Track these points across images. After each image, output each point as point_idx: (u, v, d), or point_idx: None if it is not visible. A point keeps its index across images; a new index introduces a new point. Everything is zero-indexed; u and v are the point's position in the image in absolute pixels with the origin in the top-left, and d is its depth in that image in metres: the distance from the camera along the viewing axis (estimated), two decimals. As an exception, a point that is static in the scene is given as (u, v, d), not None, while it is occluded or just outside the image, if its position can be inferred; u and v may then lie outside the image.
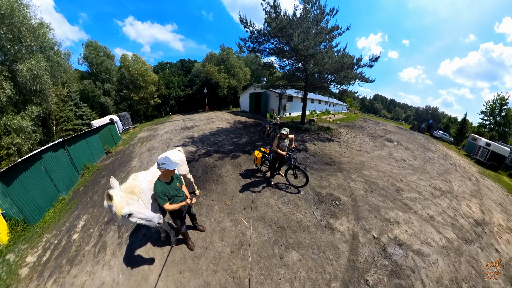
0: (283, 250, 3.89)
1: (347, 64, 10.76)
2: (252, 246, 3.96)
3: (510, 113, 27.48)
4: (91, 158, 9.54)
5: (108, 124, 13.03)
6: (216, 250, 3.88)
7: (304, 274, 3.41)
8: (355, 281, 3.29)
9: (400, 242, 4.26)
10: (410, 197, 6.40)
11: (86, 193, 6.94)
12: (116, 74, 28.15)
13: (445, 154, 14.56)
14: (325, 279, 3.30)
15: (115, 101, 28.11)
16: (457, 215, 5.98)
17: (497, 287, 3.76)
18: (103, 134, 11.58)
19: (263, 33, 11.73)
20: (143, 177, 3.70)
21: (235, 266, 3.56)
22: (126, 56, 27.85)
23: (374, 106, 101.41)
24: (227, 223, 4.58)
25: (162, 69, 40.90)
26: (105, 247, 4.25)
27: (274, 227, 4.46)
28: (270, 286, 3.22)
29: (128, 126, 20.32)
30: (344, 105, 45.75)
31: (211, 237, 4.18)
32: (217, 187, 6.12)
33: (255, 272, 3.45)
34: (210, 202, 5.36)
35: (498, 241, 5.28)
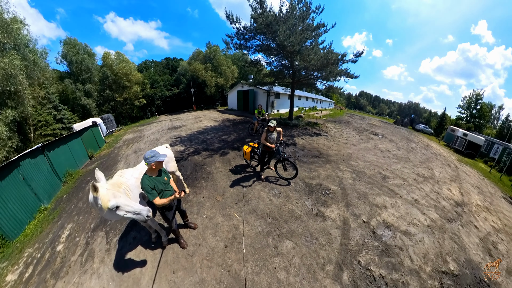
0: (276, 240, 3.92)
1: (332, 59, 10.98)
2: (245, 239, 3.95)
3: (484, 107, 30.57)
4: (73, 164, 8.98)
5: (90, 127, 12.30)
6: (209, 246, 3.84)
7: (299, 261, 3.46)
8: (348, 263, 3.41)
9: (388, 225, 4.44)
10: (395, 183, 6.67)
11: (70, 200, 6.58)
12: (98, 74, 26.62)
13: (426, 144, 15.31)
14: (320, 263, 3.39)
15: (97, 103, 26.58)
16: (439, 198, 6.32)
17: (477, 259, 4.03)
18: (85, 137, 10.95)
19: (250, 29, 11.71)
20: (129, 174, 3.56)
21: (229, 260, 3.55)
22: (108, 55, 26.42)
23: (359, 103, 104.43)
24: (219, 219, 4.54)
25: (146, 68, 39.52)
26: (92, 255, 4.05)
27: (266, 219, 4.47)
28: (266, 275, 3.25)
29: (113, 128, 19.41)
30: (331, 101, 46.71)
31: (204, 234, 4.10)
32: (207, 184, 6.04)
33: (250, 264, 3.46)
34: (201, 199, 5.26)
35: (476, 218, 5.68)
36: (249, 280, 3.18)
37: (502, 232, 5.51)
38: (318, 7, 11.75)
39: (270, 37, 11.39)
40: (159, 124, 18.48)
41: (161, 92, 33.57)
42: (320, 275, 3.20)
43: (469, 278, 3.56)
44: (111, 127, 19.10)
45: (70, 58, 24.71)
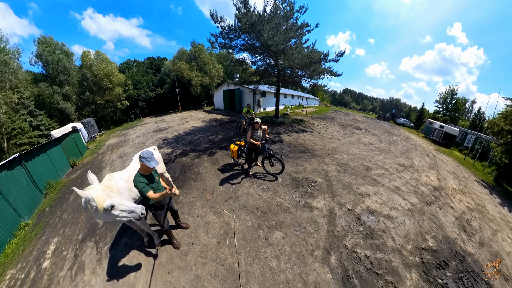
0: (267, 232, 4.05)
1: (315, 59, 11.24)
2: (237, 233, 4.06)
3: (459, 101, 33.31)
4: (54, 173, 8.38)
5: (71, 133, 11.50)
6: (202, 243, 3.89)
7: (289, 249, 3.61)
8: (335, 247, 3.60)
9: (372, 211, 4.68)
10: (378, 173, 6.99)
11: (54, 213, 6.23)
12: (77, 75, 24.82)
13: (406, 137, 16.11)
14: (308, 250, 3.55)
15: (77, 107, 24.89)
16: (419, 184, 6.72)
17: (453, 235, 4.35)
18: (66, 144, 10.26)
19: (234, 28, 11.68)
20: (118, 177, 3.52)
21: (223, 255, 3.63)
22: (87, 54, 24.74)
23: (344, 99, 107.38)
24: (210, 217, 4.57)
25: (128, 68, 38.13)
26: (83, 267, 3.88)
27: (256, 213, 4.59)
28: (259, 265, 3.39)
29: (95, 133, 18.27)
30: (316, 99, 47.61)
31: (196, 232, 4.14)
32: (197, 184, 6.02)
33: (243, 256, 3.58)
34: (191, 200, 5.25)
35: (452, 200, 6.12)
36: (243, 271, 3.31)
37: (475, 210, 5.99)
38: (302, 7, 11.96)
39: (255, 37, 11.44)
40: (144, 127, 17.90)
41: (144, 93, 32.40)
42: (309, 260, 3.37)
43: (446, 252, 3.92)
44: (92, 132, 17.98)
45: (46, 58, 22.80)
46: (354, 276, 3.13)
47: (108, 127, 25.95)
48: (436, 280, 3.31)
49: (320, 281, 3.02)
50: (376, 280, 3.09)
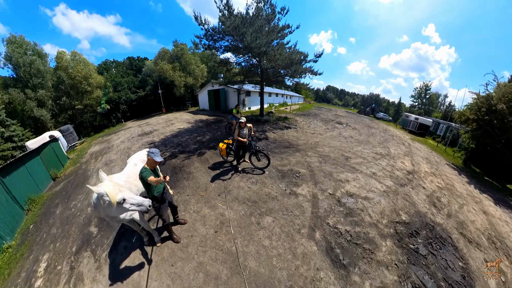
0: (258, 218, 4.45)
1: (296, 60, 11.75)
2: (232, 222, 4.42)
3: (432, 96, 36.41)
4: (35, 188, 7.85)
5: (49, 142, 10.63)
6: (201, 234, 4.17)
7: (279, 230, 4.07)
8: (319, 225, 4.08)
9: (351, 194, 5.19)
10: (356, 162, 7.55)
11: (40, 229, 5.84)
12: (52, 78, 22.72)
13: (385, 129, 17.15)
14: (296, 229, 4.02)
15: (52, 113, 22.81)
16: (394, 170, 7.35)
17: (424, 210, 4.88)
18: (45, 155, 9.45)
19: (218, 30, 11.85)
20: (117, 178, 3.66)
21: (221, 242, 3.98)
22: (63, 55, 22.62)
23: (327, 96, 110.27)
24: (206, 211, 4.85)
25: (107, 69, 36.43)
26: (81, 278, 3.77)
27: (247, 203, 4.96)
28: (253, 245, 3.81)
29: (74, 142, 17.04)
30: (300, 96, 48.65)
31: (194, 226, 4.41)
32: (189, 183, 6.22)
33: (239, 240, 3.96)
34: (185, 198, 5.47)
35: (424, 182, 6.79)
36: (240, 252, 3.69)
37: (445, 189, 6.70)
38: (283, 9, 12.33)
39: (238, 39, 11.69)
40: (128, 132, 17.22)
41: (126, 96, 30.80)
42: (297, 237, 3.85)
43: (417, 223, 4.54)
44: (72, 140, 16.77)
45: (17, 60, 20.57)
46: (336, 246, 3.62)
47: (89, 134, 24.32)
48: (409, 245, 3.80)
49: (307, 252, 3.50)
50: (356, 248, 3.57)
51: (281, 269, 3.32)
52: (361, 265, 3.31)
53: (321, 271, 3.22)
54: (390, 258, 3.44)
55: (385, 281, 3.06)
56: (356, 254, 3.49)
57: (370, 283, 3.03)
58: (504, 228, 5.44)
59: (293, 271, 3.27)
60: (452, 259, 3.70)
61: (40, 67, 21.57)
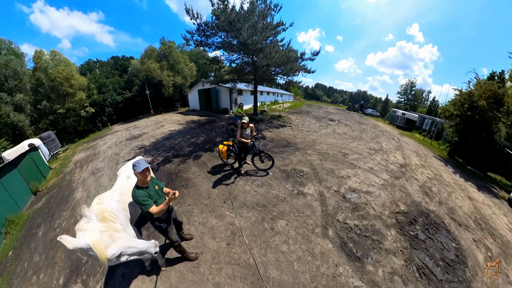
0: (271, 223, 4.33)
1: (293, 57, 11.84)
2: (244, 231, 4.16)
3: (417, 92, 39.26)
4: (13, 206, 6.92)
5: (28, 152, 9.46)
6: (212, 250, 3.80)
7: (294, 232, 4.07)
8: (330, 223, 4.24)
9: (354, 189, 5.46)
10: (354, 158, 7.89)
11: (20, 257, 4.99)
12: (30, 80, 20.95)
13: (374, 124, 17.85)
14: (310, 229, 4.11)
15: (32, 119, 21.03)
16: (388, 163, 7.77)
17: (419, 199, 5.27)
18: (24, 167, 8.45)
19: (211, 26, 11.55)
20: (109, 198, 3.12)
21: (236, 255, 3.67)
22: (41, 54, 20.73)
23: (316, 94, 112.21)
24: (212, 221, 4.49)
25: (90, 70, 34.45)
26: None
27: (257, 208, 4.78)
28: (271, 253, 3.67)
29: (57, 149, 15.50)
30: (290, 94, 49.24)
31: (202, 241, 4.00)
32: (189, 191, 5.74)
33: (256, 250, 3.74)
34: (187, 208, 4.99)
35: (416, 174, 7.28)
36: (259, 263, 3.49)
37: (434, 179, 7.21)
38: (276, 5, 12.31)
39: (233, 35, 11.44)
40: (115, 136, 15.91)
41: (111, 98, 29.31)
42: (312, 237, 3.94)
43: (414, 212, 4.92)
44: (54, 148, 15.24)
45: None
46: (348, 241, 3.80)
47: (72, 140, 22.49)
48: (409, 232, 4.16)
49: (324, 251, 3.62)
50: (366, 241, 3.81)
51: (304, 272, 3.31)
52: (372, 255, 3.53)
53: (339, 266, 3.35)
54: (396, 246, 3.76)
55: (394, 266, 3.37)
56: (366, 246, 3.70)
57: (382, 270, 3.28)
58: (487, 211, 6.03)
59: (315, 271, 3.31)
60: (446, 241, 4.15)
61: (17, 68, 19.74)
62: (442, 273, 3.44)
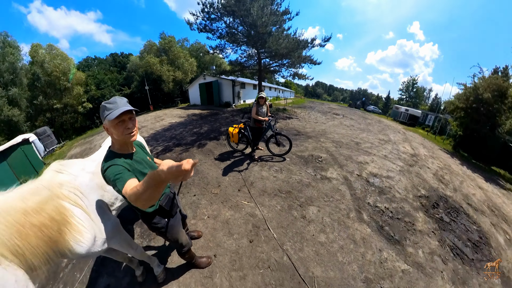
0: (300, 210, 3.81)
1: (303, 43, 11.53)
2: (269, 222, 3.50)
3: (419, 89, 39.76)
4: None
5: (19, 145, 8.91)
6: (229, 250, 2.97)
7: (329, 219, 3.63)
8: (362, 206, 4.09)
9: (375, 174, 5.41)
10: (367, 146, 7.90)
11: None
12: (26, 75, 20.50)
13: (378, 120, 18.03)
14: (344, 214, 3.81)
15: (28, 115, 20.57)
16: (400, 153, 7.84)
17: (435, 185, 5.31)
18: (14, 160, 7.99)
19: (217, 7, 11.20)
20: (78, 167, 2.03)
21: (263, 254, 2.91)
22: (37, 48, 20.47)
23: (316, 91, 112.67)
24: (227, 213, 3.74)
25: (89, 67, 34.44)
26: None
27: (280, 195, 4.25)
28: (308, 246, 3.06)
29: (53, 146, 15.24)
30: (291, 91, 49.24)
31: (215, 239, 3.18)
32: (194, 179, 5.06)
33: (289, 245, 3.07)
34: (192, 199, 4.23)
35: (427, 163, 7.38)
36: (296, 261, 2.82)
37: (444, 169, 7.27)
38: None
39: (240, 16, 10.83)
40: None
41: (109, 94, 29.35)
42: (349, 223, 3.61)
43: (435, 196, 4.88)
44: (50, 144, 14.94)
45: None
46: (384, 224, 3.65)
47: (70, 136, 21.99)
48: (435, 215, 4.13)
49: (365, 236, 3.34)
50: (399, 223, 3.70)
51: (350, 263, 2.83)
52: (409, 237, 3.43)
53: (383, 251, 3.10)
54: (427, 227, 3.71)
55: (431, 247, 3.28)
56: (401, 228, 3.60)
57: (422, 251, 3.19)
58: (498, 200, 6.07)
59: (362, 260, 2.89)
60: (468, 224, 4.10)
61: (13, 62, 19.07)
62: (472, 253, 3.44)
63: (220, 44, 14.08)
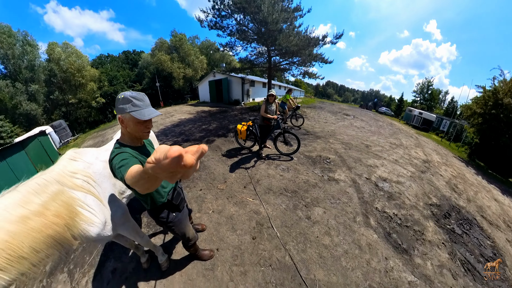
0: (306, 211, 3.80)
1: (314, 40, 11.31)
2: (273, 220, 3.52)
3: (434, 91, 38.16)
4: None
5: (37, 136, 9.61)
6: (232, 245, 3.04)
7: (334, 222, 3.58)
8: (370, 211, 3.98)
9: (384, 178, 5.25)
10: (377, 150, 7.68)
11: None
12: (44, 71, 21.74)
13: (390, 122, 17.49)
14: (351, 218, 3.74)
15: (45, 109, 21.98)
16: (411, 158, 7.56)
17: (448, 194, 5.11)
18: (32, 150, 8.53)
19: (228, 4, 11.18)
20: (92, 156, 2.13)
21: (265, 252, 2.95)
22: (54, 46, 21.59)
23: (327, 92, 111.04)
24: (231, 209, 3.81)
25: (102, 64, 35.24)
26: None
27: (286, 194, 4.28)
28: (312, 248, 3.06)
29: (67, 138, 16.40)
30: (301, 91, 48.74)
31: (219, 234, 3.24)
32: (201, 174, 5.17)
33: (292, 245, 3.08)
34: (198, 193, 4.32)
35: (439, 170, 7.08)
36: (298, 262, 2.83)
37: (458, 177, 6.96)
38: None
39: (250, 12, 10.81)
40: None
41: (121, 90, 29.69)
42: (355, 227, 3.53)
43: (446, 206, 4.65)
44: (65, 136, 16.18)
45: (5, 52, 19.63)
46: (391, 231, 3.53)
47: (83, 130, 23.40)
48: (446, 226, 3.94)
49: (370, 242, 3.25)
50: (408, 231, 3.56)
51: (354, 269, 2.77)
52: (418, 246, 3.29)
53: (389, 260, 2.99)
54: (437, 238, 3.54)
55: (441, 259, 3.11)
56: (410, 237, 3.47)
57: (431, 262, 3.03)
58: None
59: (366, 267, 2.82)
60: (481, 238, 3.85)
61: (31, 60, 20.52)
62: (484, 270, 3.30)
63: (230, 42, 14.07)
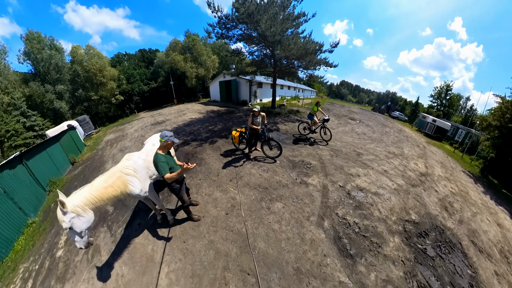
0: (269, 203, 4.65)
1: (311, 49, 11.39)
2: (243, 205, 4.61)
3: (453, 97, 33.97)
4: (55, 171, 8.33)
5: (68, 130, 11.36)
6: (212, 215, 4.38)
7: (288, 216, 4.22)
8: (328, 215, 4.14)
9: (361, 188, 5.15)
10: (368, 158, 7.42)
11: None
12: (68, 72, 23.79)
13: (399, 129, 16.60)
14: (305, 216, 4.15)
15: (70, 105, 24.19)
16: (406, 170, 7.17)
17: (435, 213, 4.78)
18: (64, 142, 10.17)
19: (232, 18, 11.67)
20: (137, 157, 3.84)
21: (231, 223, 4.15)
22: (77, 49, 23.52)
23: (340, 92, 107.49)
24: (217, 194, 5.08)
25: (120, 62, 37.14)
26: (99, 250, 4.06)
27: (258, 189, 5.15)
28: (263, 228, 4.00)
29: (91, 131, 17.98)
30: (313, 90, 47.69)
31: (206, 207, 4.64)
32: (202, 169, 6.46)
33: (249, 223, 4.14)
34: (197, 182, 5.73)
35: (437, 185, 6.57)
36: (250, 234, 3.87)
37: (458, 195, 6.44)
38: None
39: (252, 27, 11.44)
40: (141, 121, 17.70)
41: (138, 87, 31.62)
42: (306, 224, 3.98)
43: (427, 224, 4.40)
44: (88, 129, 17.77)
45: (35, 56, 21.64)
46: (344, 236, 3.66)
47: (103, 123, 25.34)
48: (417, 245, 3.74)
49: (315, 239, 3.62)
50: (363, 240, 3.57)
51: (289, 251, 3.46)
52: (367, 257, 3.34)
53: (328, 257, 3.32)
54: (397, 254, 3.42)
55: (391, 275, 3.04)
56: (363, 246, 3.51)
57: (376, 275, 3.04)
58: None
59: (301, 254, 3.40)
60: (460, 265, 3.56)
61: (58, 62, 22.56)
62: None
63: (237, 49, 14.93)
